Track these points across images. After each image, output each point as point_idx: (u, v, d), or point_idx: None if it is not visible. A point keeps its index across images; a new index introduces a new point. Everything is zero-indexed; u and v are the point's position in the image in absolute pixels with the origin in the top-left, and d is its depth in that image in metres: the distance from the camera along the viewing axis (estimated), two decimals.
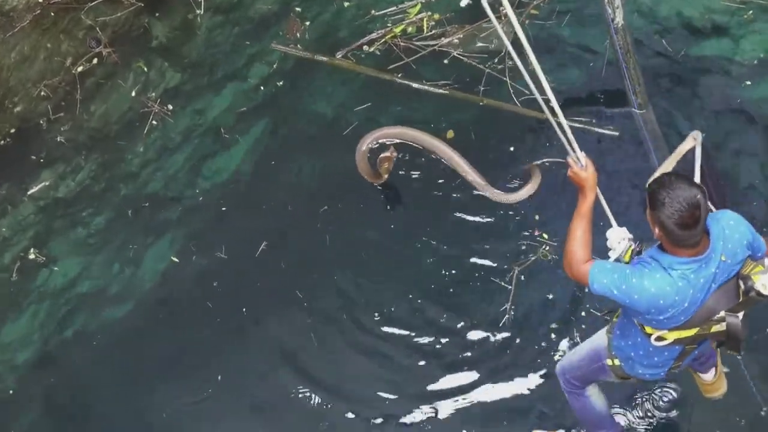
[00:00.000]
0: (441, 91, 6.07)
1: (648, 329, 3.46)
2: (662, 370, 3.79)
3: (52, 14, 6.40)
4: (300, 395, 5.19)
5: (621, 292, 3.29)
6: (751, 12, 6.11)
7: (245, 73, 6.54)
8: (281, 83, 6.44)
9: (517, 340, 5.14)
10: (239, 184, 6.05)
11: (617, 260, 3.71)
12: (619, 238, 3.75)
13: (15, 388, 5.49)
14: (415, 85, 6.14)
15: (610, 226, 3.86)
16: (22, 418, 5.41)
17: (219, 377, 5.31)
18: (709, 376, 4.54)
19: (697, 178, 5.00)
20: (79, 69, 6.47)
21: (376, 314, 5.39)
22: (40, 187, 6.14)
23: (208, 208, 5.97)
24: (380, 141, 5.88)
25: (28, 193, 6.12)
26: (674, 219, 3.09)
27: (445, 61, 6.19)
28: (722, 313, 3.36)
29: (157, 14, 6.70)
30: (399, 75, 6.21)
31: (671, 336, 3.47)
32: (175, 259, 5.76)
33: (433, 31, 6.32)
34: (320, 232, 5.70)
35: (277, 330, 5.45)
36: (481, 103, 6.00)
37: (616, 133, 5.73)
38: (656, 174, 4.78)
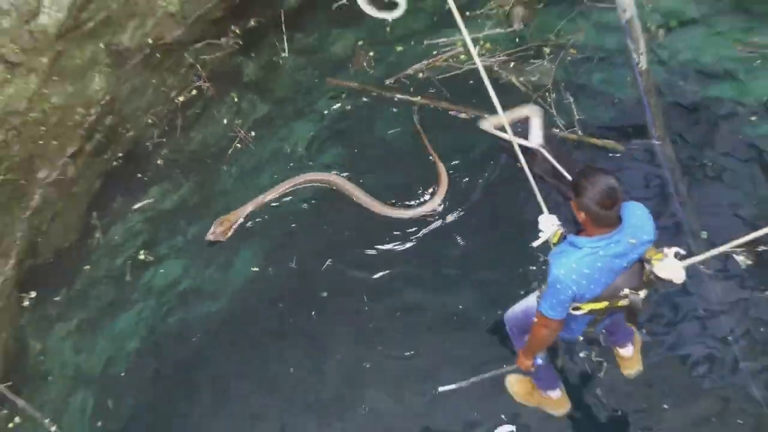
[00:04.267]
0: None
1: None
2: (577, 334, 4.05)
3: (158, 54, 6.56)
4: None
5: (564, 289, 3.47)
6: (759, 61, 6.27)
7: (321, 106, 6.73)
8: (352, 114, 6.64)
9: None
10: (311, 204, 6.32)
11: (547, 242, 3.91)
12: (549, 223, 3.96)
13: (125, 371, 5.73)
14: (467, 116, 6.31)
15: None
16: (128, 399, 5.61)
17: (291, 369, 5.58)
18: (626, 352, 4.73)
19: (535, 143, 5.46)
20: (181, 99, 6.70)
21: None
22: (149, 201, 6.35)
23: (281, 223, 6.24)
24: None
25: (137, 206, 6.36)
26: (596, 199, 3.29)
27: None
28: (626, 291, 3.59)
29: (252, 54, 6.95)
30: (456, 106, 6.36)
31: (586, 307, 3.67)
32: (255, 268, 6.05)
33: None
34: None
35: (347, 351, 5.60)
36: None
37: (622, 148, 6.03)
38: (493, 119, 5.39)
